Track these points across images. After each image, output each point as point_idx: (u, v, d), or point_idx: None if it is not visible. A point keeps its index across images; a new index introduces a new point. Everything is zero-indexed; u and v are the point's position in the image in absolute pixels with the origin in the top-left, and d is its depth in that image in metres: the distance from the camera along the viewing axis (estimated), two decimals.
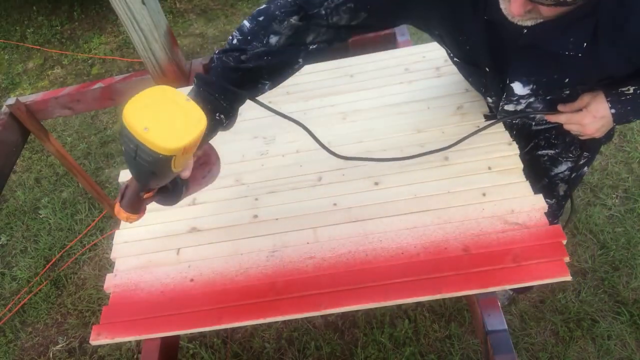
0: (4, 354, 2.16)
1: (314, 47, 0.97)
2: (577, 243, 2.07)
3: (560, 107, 1.06)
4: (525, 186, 1.10)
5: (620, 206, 2.16)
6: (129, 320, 1.04)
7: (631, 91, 0.96)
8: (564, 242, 0.98)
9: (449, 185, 1.13)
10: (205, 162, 0.94)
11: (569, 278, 0.94)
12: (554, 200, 1.41)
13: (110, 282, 1.12)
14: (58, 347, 2.14)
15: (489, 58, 1.01)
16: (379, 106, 1.37)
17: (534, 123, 1.22)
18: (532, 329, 1.87)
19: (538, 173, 1.35)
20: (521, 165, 1.14)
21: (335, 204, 1.15)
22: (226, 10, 4.02)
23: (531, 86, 1.01)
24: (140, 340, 1.45)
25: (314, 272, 1.04)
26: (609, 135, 1.29)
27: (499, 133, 1.21)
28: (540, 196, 1.07)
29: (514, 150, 1.17)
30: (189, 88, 1.57)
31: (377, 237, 1.07)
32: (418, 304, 1.98)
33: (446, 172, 1.16)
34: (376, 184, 1.17)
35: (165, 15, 1.69)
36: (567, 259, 0.96)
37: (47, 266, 2.43)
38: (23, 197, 2.83)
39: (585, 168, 1.35)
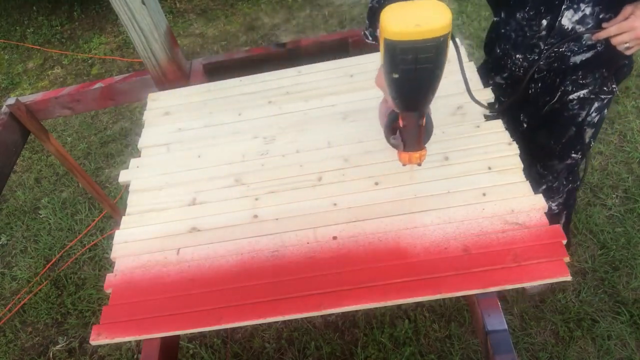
0: (4, 354, 2.16)
1: None
2: (577, 243, 2.07)
3: (604, 25, 1.13)
4: (525, 186, 1.10)
5: (620, 206, 2.16)
6: (129, 320, 1.04)
7: None
8: (564, 242, 0.98)
9: (449, 185, 1.13)
10: None
11: (569, 278, 0.94)
12: (579, 153, 1.45)
13: (110, 282, 1.12)
14: (58, 347, 2.14)
15: None
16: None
17: (574, 50, 1.25)
18: (532, 329, 1.87)
19: (564, 125, 1.39)
20: (521, 165, 1.14)
21: (335, 204, 1.15)
22: (226, 10, 4.03)
23: None
24: (140, 340, 1.45)
25: (314, 272, 1.04)
26: (630, 67, 1.35)
27: (499, 133, 1.21)
28: (540, 196, 1.07)
29: (514, 150, 1.17)
30: (189, 88, 1.58)
31: (377, 237, 1.07)
32: (418, 304, 1.98)
33: (446, 172, 1.16)
34: (376, 184, 1.17)
35: (165, 15, 1.70)
36: (567, 259, 0.96)
37: (47, 266, 2.44)
38: (23, 197, 2.83)
39: (606, 110, 1.39)
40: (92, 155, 3.00)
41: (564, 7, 1.16)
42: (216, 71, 1.71)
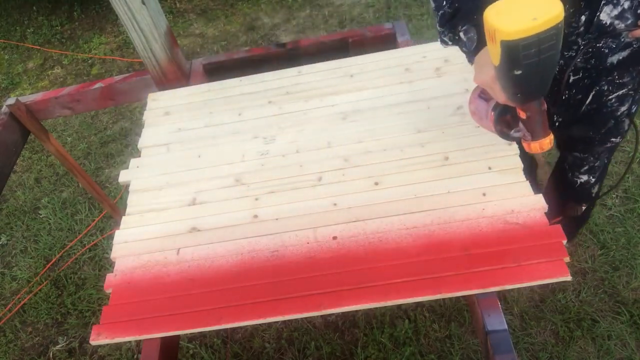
0: (4, 354, 2.16)
1: None
2: (577, 243, 2.07)
3: None
4: (525, 186, 1.10)
5: (620, 206, 2.16)
6: (129, 320, 1.04)
7: None
8: (564, 242, 0.98)
9: (449, 185, 1.13)
10: None
11: (569, 278, 0.94)
12: (619, 137, 1.45)
13: (110, 282, 1.12)
14: (58, 347, 2.14)
15: None
16: (379, 106, 1.37)
17: (612, 48, 1.24)
18: (532, 329, 1.87)
19: (603, 120, 1.38)
20: (521, 165, 1.14)
21: (335, 204, 1.15)
22: (226, 10, 4.02)
23: None
24: (140, 340, 1.45)
25: (313, 272, 1.04)
26: None
27: None
28: (540, 196, 1.07)
29: (514, 150, 1.17)
30: (189, 88, 1.58)
31: (377, 237, 1.07)
32: (418, 304, 1.98)
33: (446, 172, 1.16)
34: (376, 184, 1.17)
35: (165, 15, 1.69)
36: (567, 259, 0.96)
37: (47, 266, 2.44)
38: (23, 197, 2.83)
39: None
40: (92, 155, 3.00)
41: (603, 2, 1.14)
42: (216, 71, 1.72)
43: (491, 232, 1.03)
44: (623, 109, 1.36)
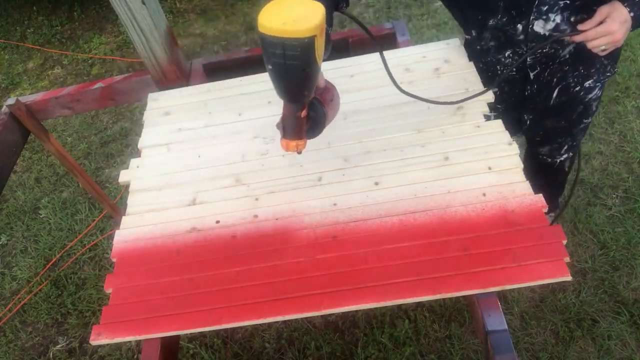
0: (4, 354, 2.16)
1: None
2: (577, 243, 2.07)
3: (581, 27, 1.11)
4: (525, 186, 1.10)
5: (620, 206, 2.16)
6: (129, 320, 1.04)
7: None
8: (564, 242, 0.98)
9: (449, 185, 1.13)
10: (326, 87, 1.00)
11: (569, 278, 0.94)
12: (589, 117, 1.50)
13: (111, 282, 1.12)
14: (58, 347, 2.14)
15: None
16: (379, 106, 1.37)
17: (560, 49, 1.26)
18: (532, 329, 1.87)
19: (572, 107, 1.43)
20: (521, 165, 1.14)
21: (335, 204, 1.15)
22: (226, 10, 4.02)
23: None
24: (140, 340, 1.45)
25: (314, 272, 1.04)
26: (618, 54, 1.37)
27: (499, 133, 1.21)
28: (540, 196, 1.07)
29: (514, 150, 1.17)
30: (189, 88, 1.58)
31: (377, 237, 1.07)
32: (418, 304, 1.98)
33: (446, 172, 1.16)
34: (376, 184, 1.17)
35: (165, 15, 1.70)
36: (567, 259, 0.96)
37: (47, 266, 2.44)
38: (23, 197, 2.83)
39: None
40: (92, 155, 3.00)
41: (532, 17, 1.16)
42: (216, 71, 1.71)
43: (491, 232, 1.03)
44: (590, 95, 1.40)
